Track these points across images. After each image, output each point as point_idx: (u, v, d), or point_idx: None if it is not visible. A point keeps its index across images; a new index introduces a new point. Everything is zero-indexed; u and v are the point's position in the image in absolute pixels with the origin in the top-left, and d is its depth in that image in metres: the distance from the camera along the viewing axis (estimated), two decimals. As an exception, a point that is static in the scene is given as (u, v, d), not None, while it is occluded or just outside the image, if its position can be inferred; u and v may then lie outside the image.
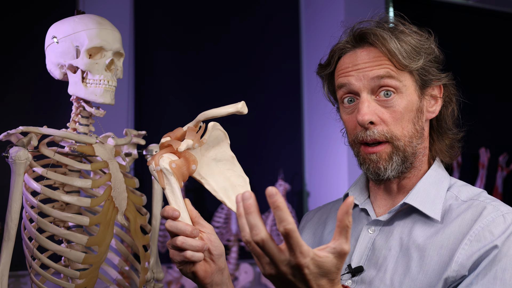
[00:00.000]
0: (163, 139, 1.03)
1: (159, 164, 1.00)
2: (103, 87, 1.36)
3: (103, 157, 1.39)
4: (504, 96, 3.31)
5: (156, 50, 2.68)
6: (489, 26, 3.34)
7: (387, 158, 1.10)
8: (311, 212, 1.35)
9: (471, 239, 1.02)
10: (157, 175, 1.01)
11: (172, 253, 1.01)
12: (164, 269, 2.49)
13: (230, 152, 1.08)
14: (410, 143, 1.10)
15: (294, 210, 2.83)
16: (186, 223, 1.01)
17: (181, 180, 1.01)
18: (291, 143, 2.99)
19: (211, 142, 1.06)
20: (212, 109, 1.02)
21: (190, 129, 1.03)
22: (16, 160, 1.27)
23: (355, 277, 1.11)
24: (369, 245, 1.12)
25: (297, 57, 3.03)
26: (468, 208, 1.07)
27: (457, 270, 1.00)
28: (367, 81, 1.09)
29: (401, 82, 1.09)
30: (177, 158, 1.01)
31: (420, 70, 1.10)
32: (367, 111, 1.08)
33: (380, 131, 1.09)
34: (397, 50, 1.08)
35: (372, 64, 1.09)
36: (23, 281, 2.21)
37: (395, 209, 1.11)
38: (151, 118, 2.66)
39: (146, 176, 2.26)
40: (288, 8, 3.02)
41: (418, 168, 1.14)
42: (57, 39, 1.38)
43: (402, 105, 1.09)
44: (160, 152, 1.02)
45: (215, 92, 2.79)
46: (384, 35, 1.09)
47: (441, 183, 1.13)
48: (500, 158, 3.17)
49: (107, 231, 1.36)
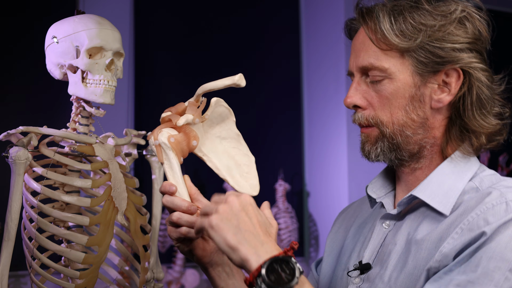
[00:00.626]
0: (163, 114, 1.00)
1: (157, 138, 0.98)
2: (103, 87, 1.36)
3: (103, 157, 1.39)
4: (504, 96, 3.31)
5: (156, 50, 2.68)
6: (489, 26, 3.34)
7: (372, 141, 1.05)
8: (350, 204, 1.30)
9: (463, 228, 0.92)
10: (155, 150, 0.99)
11: (169, 230, 0.99)
12: (164, 269, 2.49)
13: (235, 130, 1.05)
14: (401, 131, 1.02)
15: (294, 210, 2.83)
16: (182, 198, 0.99)
17: (180, 155, 0.99)
18: (291, 143, 2.99)
19: (214, 119, 1.04)
20: (209, 82, 0.99)
21: (191, 103, 1.01)
22: (16, 160, 1.27)
23: (363, 275, 1.05)
24: (381, 241, 1.06)
25: (297, 57, 3.03)
26: (476, 196, 0.97)
27: (440, 260, 0.92)
28: (357, 66, 1.06)
29: (389, 67, 1.00)
30: (177, 133, 0.99)
31: (417, 51, 0.99)
32: (352, 94, 1.05)
33: (366, 115, 1.05)
34: (385, 27, 0.99)
35: (360, 48, 1.05)
36: (23, 281, 2.21)
37: (403, 202, 1.04)
38: (151, 118, 2.65)
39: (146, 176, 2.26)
40: (288, 8, 3.02)
41: (428, 159, 1.05)
42: (57, 39, 1.38)
43: (389, 90, 1.01)
44: (160, 127, 0.99)
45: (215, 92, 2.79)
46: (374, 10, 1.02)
47: (462, 173, 1.02)
48: (500, 158, 3.17)
49: (107, 231, 1.36)
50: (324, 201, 2.90)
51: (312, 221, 2.97)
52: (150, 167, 1.57)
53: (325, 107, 2.89)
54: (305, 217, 3.00)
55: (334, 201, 2.80)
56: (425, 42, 0.98)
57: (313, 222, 2.97)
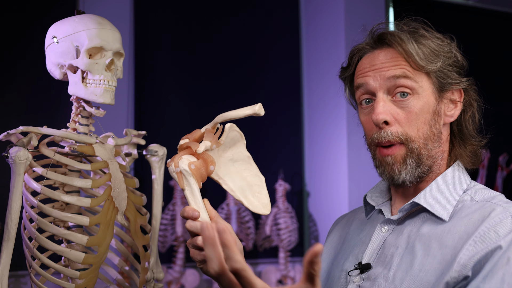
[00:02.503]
0: (181, 141, 1.04)
1: (178, 165, 1.01)
2: (103, 87, 1.36)
3: (103, 157, 1.39)
4: (504, 96, 3.31)
5: (156, 50, 2.68)
6: (489, 26, 3.34)
7: (401, 161, 1.09)
8: (343, 215, 1.37)
9: (476, 240, 1.01)
10: (176, 177, 1.02)
11: (193, 252, 1.02)
12: (164, 269, 2.49)
13: (246, 152, 1.10)
14: (425, 145, 1.10)
15: (294, 210, 2.83)
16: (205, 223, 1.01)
17: (200, 180, 1.03)
18: (291, 143, 2.99)
19: (227, 143, 1.08)
20: (229, 111, 1.03)
21: (208, 130, 1.05)
22: (16, 160, 1.27)
23: (363, 274, 1.12)
24: (380, 243, 1.13)
25: (297, 57, 3.03)
26: (478, 209, 1.06)
27: (459, 270, 0.99)
28: (383, 80, 1.10)
29: (418, 83, 1.09)
30: (195, 160, 1.03)
31: (438, 72, 1.10)
32: (382, 110, 1.09)
33: (394, 132, 1.09)
34: (414, 50, 1.09)
35: (389, 64, 1.10)
36: (23, 281, 2.21)
37: (405, 208, 1.11)
38: (151, 118, 2.66)
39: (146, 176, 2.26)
40: (288, 8, 3.02)
41: (435, 172, 1.13)
42: (57, 39, 1.38)
43: (418, 106, 1.09)
44: (179, 154, 1.03)
45: (215, 92, 2.79)
46: (401, 36, 1.10)
47: (457, 184, 1.12)
48: (500, 158, 3.17)
49: (107, 231, 1.36)
50: (324, 201, 2.90)
51: (312, 221, 2.97)
52: (150, 167, 1.57)
53: (325, 107, 2.89)
54: (305, 217, 3.00)
55: (334, 201, 2.81)
56: (442, 65, 1.11)
57: (313, 222, 2.97)
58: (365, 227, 1.22)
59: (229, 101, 2.80)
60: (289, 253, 2.79)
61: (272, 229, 2.71)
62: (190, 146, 1.03)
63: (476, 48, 3.24)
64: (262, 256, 2.83)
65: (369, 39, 1.16)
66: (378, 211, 1.21)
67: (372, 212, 1.23)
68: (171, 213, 2.50)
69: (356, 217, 1.30)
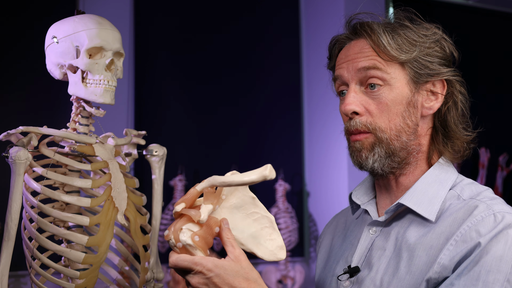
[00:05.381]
0: (177, 206, 0.93)
1: (180, 240, 0.90)
2: (103, 87, 1.36)
3: (103, 157, 1.39)
4: (504, 96, 3.31)
5: (156, 50, 2.68)
6: (489, 26, 3.34)
7: (369, 147, 1.08)
8: (333, 218, 1.35)
9: (457, 239, 0.99)
10: (178, 251, 0.92)
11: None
12: (164, 269, 2.49)
13: (250, 194, 1.01)
14: (397, 137, 1.08)
15: (294, 210, 2.83)
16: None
17: (207, 249, 0.93)
18: (291, 143, 2.99)
19: (228, 192, 0.98)
20: (231, 176, 0.91)
21: (208, 192, 0.93)
22: (16, 160, 1.27)
23: (352, 278, 1.11)
24: (368, 245, 1.12)
25: (297, 57, 3.03)
26: (463, 207, 1.03)
27: (439, 272, 0.98)
28: (354, 72, 1.10)
29: (389, 74, 1.07)
30: (198, 228, 0.92)
31: (414, 63, 1.08)
32: (351, 101, 1.09)
33: (363, 121, 1.08)
34: (385, 41, 1.07)
35: (360, 55, 1.10)
36: (23, 281, 2.21)
37: (391, 210, 1.10)
38: (151, 118, 2.66)
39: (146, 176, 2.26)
40: (288, 8, 3.02)
41: (413, 165, 1.11)
42: (57, 39, 1.38)
43: (389, 97, 1.07)
44: (178, 224, 0.92)
45: (215, 92, 2.79)
46: (373, 26, 1.09)
47: (443, 182, 1.10)
48: (500, 158, 3.17)
49: (107, 231, 1.36)
50: (324, 201, 2.90)
51: (312, 221, 2.97)
52: (150, 167, 1.57)
53: (325, 108, 2.89)
54: (305, 217, 3.00)
55: (334, 201, 2.81)
56: (418, 55, 1.08)
57: (313, 222, 2.97)
58: (354, 229, 1.21)
59: (229, 101, 2.80)
60: (289, 253, 2.79)
61: (272, 229, 2.71)
62: (193, 217, 0.91)
63: (476, 48, 3.24)
64: (262, 256, 2.83)
65: (346, 30, 1.16)
66: (364, 211, 1.20)
67: (359, 211, 1.22)
68: (171, 213, 2.50)
69: (345, 218, 1.28)
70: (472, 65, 3.20)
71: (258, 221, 1.01)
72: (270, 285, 2.74)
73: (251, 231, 0.99)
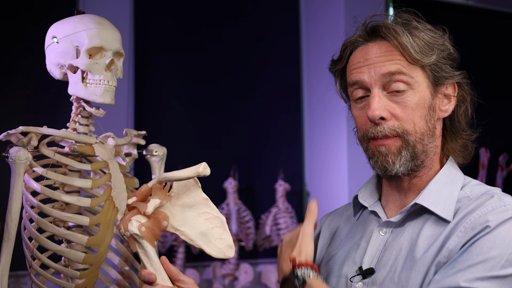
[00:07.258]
0: (129, 200, 0.99)
1: (128, 229, 0.97)
2: (103, 87, 1.36)
3: (103, 157, 1.39)
4: (504, 96, 3.31)
5: (156, 50, 2.68)
6: (489, 26, 3.34)
7: (395, 152, 1.08)
8: (325, 216, 1.33)
9: (466, 226, 1.01)
10: (128, 240, 0.98)
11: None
12: (164, 269, 2.49)
13: (203, 195, 1.05)
14: (421, 140, 1.08)
15: (294, 210, 2.83)
16: (164, 285, 0.99)
17: (154, 240, 0.99)
18: (291, 143, 2.99)
19: (180, 191, 1.03)
20: (173, 172, 0.98)
21: (156, 187, 1.00)
22: (16, 160, 1.27)
23: (366, 279, 1.09)
24: (380, 247, 1.11)
25: (297, 57, 3.03)
26: (474, 202, 1.05)
27: (447, 256, 1.00)
28: (378, 76, 1.07)
29: (413, 78, 1.07)
30: (146, 220, 0.98)
31: (432, 66, 1.08)
32: (378, 106, 1.07)
33: (391, 126, 1.07)
34: (409, 44, 1.06)
35: (383, 59, 1.08)
36: (23, 281, 2.21)
37: (406, 210, 1.09)
38: (151, 118, 2.66)
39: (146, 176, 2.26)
40: (288, 8, 3.02)
41: (429, 167, 1.12)
42: (57, 39, 1.38)
43: (414, 100, 1.07)
44: (127, 216, 0.98)
45: (215, 92, 2.79)
46: (396, 29, 1.07)
47: (454, 182, 1.11)
48: (500, 158, 3.17)
49: (107, 231, 1.36)
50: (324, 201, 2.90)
51: (312, 221, 2.97)
52: (150, 167, 1.57)
53: (325, 108, 2.89)
54: (305, 217, 3.00)
55: (334, 201, 2.81)
56: (437, 58, 1.08)
57: (313, 222, 2.97)
58: (357, 230, 1.19)
59: (229, 101, 2.80)
60: (289, 253, 2.78)
61: (272, 229, 2.71)
62: (139, 208, 0.98)
63: (476, 48, 3.24)
64: (262, 256, 2.83)
65: (362, 31, 1.13)
66: (369, 212, 1.19)
67: (361, 212, 1.21)
68: (171, 213, 2.50)
69: (342, 218, 1.27)
70: (472, 65, 3.20)
71: (209, 220, 1.05)
72: (270, 285, 2.74)
73: (201, 229, 1.04)
